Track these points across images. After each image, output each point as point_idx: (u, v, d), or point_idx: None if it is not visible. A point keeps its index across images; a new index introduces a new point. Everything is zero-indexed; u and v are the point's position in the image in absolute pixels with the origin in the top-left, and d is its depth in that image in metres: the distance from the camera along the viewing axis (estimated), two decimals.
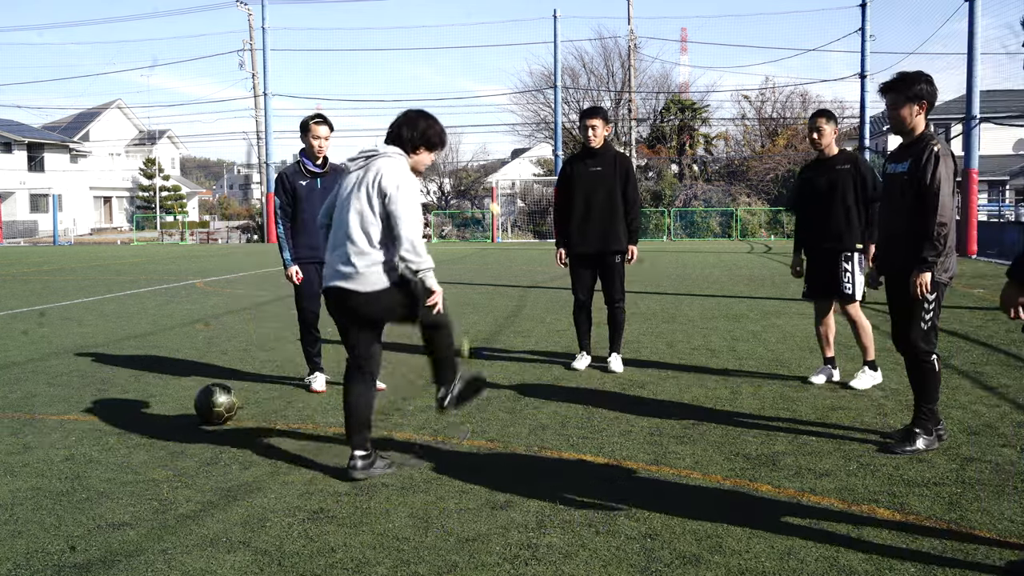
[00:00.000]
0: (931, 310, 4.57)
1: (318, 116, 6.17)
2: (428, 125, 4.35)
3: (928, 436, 4.63)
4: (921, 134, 4.64)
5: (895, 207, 4.72)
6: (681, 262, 20.84)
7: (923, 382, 4.66)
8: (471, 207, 45.13)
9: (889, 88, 4.65)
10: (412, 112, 4.40)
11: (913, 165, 4.58)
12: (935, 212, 4.45)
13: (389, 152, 4.28)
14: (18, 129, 55.51)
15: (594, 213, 6.76)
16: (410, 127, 4.31)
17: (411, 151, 4.34)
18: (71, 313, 11.29)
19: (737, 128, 46.83)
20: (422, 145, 4.35)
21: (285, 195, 6.11)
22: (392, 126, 4.35)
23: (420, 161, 4.39)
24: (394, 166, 4.20)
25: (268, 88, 38.24)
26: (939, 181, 4.47)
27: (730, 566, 3.24)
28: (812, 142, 6.19)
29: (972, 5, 22.22)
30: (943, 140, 4.75)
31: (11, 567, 3.31)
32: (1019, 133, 45.96)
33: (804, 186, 6.33)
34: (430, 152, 4.40)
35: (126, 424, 5.39)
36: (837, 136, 6.22)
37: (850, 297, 6.12)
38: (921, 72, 4.62)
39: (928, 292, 4.49)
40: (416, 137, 4.32)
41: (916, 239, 4.51)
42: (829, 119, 6.15)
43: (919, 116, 4.63)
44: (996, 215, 35.69)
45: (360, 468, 4.27)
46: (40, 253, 31.11)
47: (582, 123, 6.86)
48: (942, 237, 4.47)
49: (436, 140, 4.38)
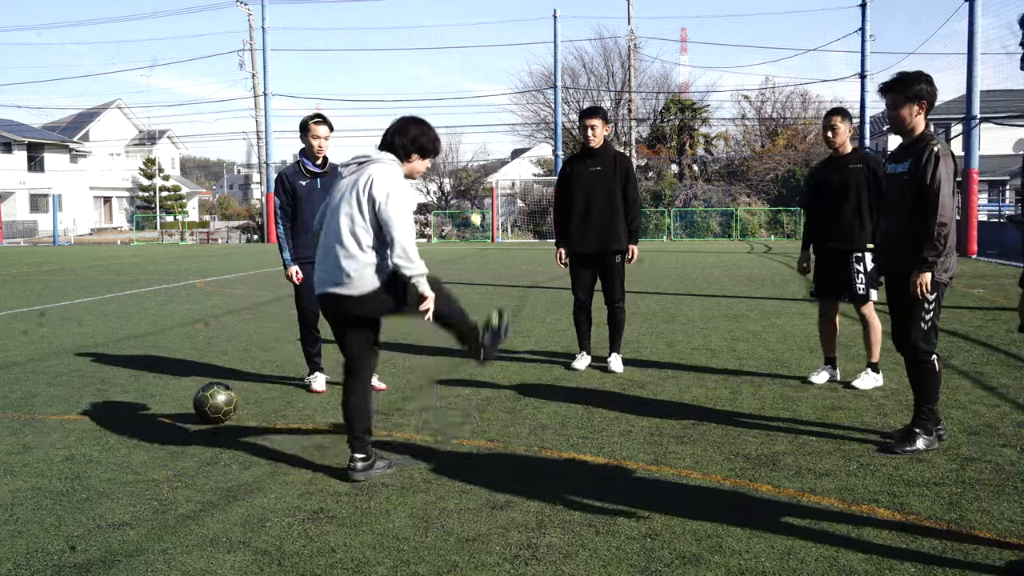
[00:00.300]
0: (931, 310, 4.57)
1: (317, 116, 6.16)
2: (421, 132, 4.33)
3: (928, 436, 4.63)
4: (921, 134, 4.64)
5: (895, 207, 4.73)
6: (681, 262, 20.84)
7: (923, 382, 4.66)
8: (471, 207, 45.13)
9: (889, 88, 4.64)
10: (404, 119, 4.39)
11: (913, 165, 4.58)
12: (935, 212, 4.45)
13: (382, 158, 4.26)
14: (18, 129, 55.52)
15: (594, 213, 6.75)
16: (402, 134, 4.30)
17: (404, 158, 4.33)
18: (71, 313, 11.29)
19: (737, 128, 46.86)
20: (415, 152, 4.33)
21: (285, 195, 6.11)
22: (385, 133, 4.35)
23: (414, 168, 4.38)
24: (386, 172, 4.18)
25: (268, 88, 38.24)
26: (939, 181, 4.46)
27: (730, 566, 3.24)
28: (826, 140, 6.15)
29: (972, 5, 22.23)
30: (943, 140, 4.73)
31: (11, 567, 3.31)
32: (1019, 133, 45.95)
33: (816, 184, 6.28)
34: (424, 159, 4.38)
35: (126, 424, 5.39)
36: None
37: (863, 297, 6.07)
38: (921, 72, 4.61)
39: (928, 292, 4.49)
40: (408, 144, 4.31)
41: (916, 239, 4.51)
42: (844, 117, 6.12)
43: (919, 116, 4.63)
44: (996, 215, 35.67)
45: (360, 470, 4.27)
46: (40, 253, 31.11)
47: (582, 123, 6.86)
48: (942, 237, 4.46)
49: (429, 147, 4.37)
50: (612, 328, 6.94)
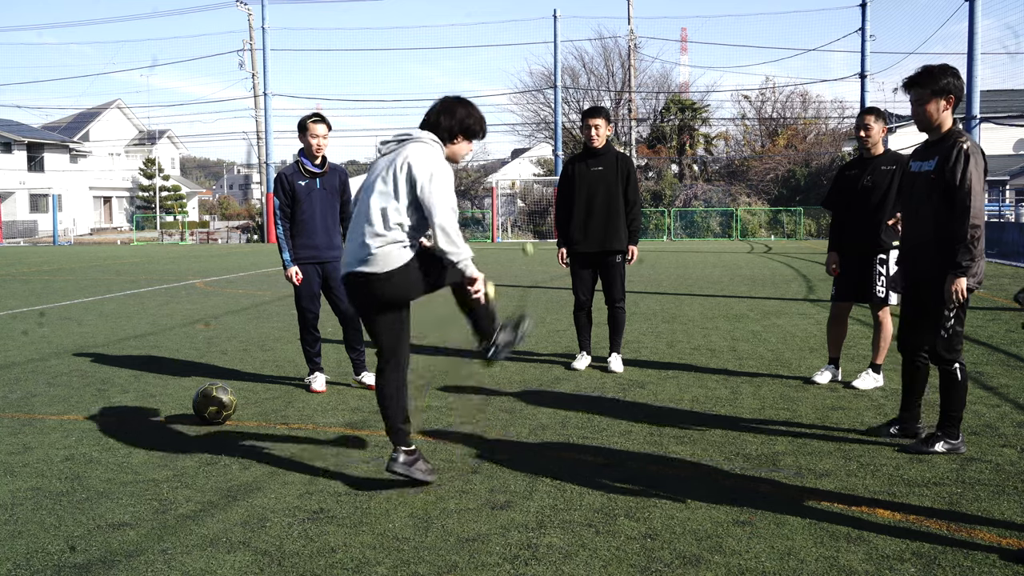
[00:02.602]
0: (952, 317, 4.38)
1: (316, 115, 6.15)
2: (468, 113, 4.10)
3: (953, 440, 4.52)
4: (949, 131, 4.42)
5: (920, 209, 4.51)
6: (681, 262, 20.84)
7: (946, 391, 4.50)
8: (471, 207, 45.13)
9: (914, 83, 4.43)
10: (449, 99, 4.15)
11: (941, 164, 4.36)
12: (967, 214, 4.23)
13: (423, 137, 4.03)
14: (18, 129, 55.52)
15: (595, 213, 6.75)
16: (449, 115, 4.07)
17: (448, 140, 4.10)
18: (71, 313, 11.29)
19: (737, 128, 46.86)
20: (460, 134, 4.10)
21: (284, 195, 6.09)
22: (429, 113, 4.11)
23: (458, 151, 4.15)
24: (426, 153, 3.96)
25: (268, 88, 38.26)
26: (970, 181, 4.25)
27: (730, 566, 3.24)
28: (859, 140, 6.00)
29: (972, 5, 22.24)
30: (972, 137, 4.51)
31: (11, 567, 3.30)
32: (1019, 133, 45.98)
33: (844, 184, 6.09)
34: (469, 141, 4.15)
35: (126, 424, 5.39)
36: (845, 136, 6.16)
37: (882, 301, 5.99)
38: (947, 65, 4.39)
39: (964, 298, 4.28)
40: (455, 125, 4.07)
41: (946, 244, 4.30)
42: (878, 117, 5.95)
43: (946, 112, 4.41)
44: (996, 215, 35.66)
45: (401, 463, 4.04)
46: (40, 253, 31.10)
47: (584, 123, 6.85)
48: (976, 240, 4.25)
49: (476, 128, 4.13)
50: (612, 328, 6.94)
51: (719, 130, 45.78)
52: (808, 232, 36.64)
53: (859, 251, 6.01)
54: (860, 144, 6.06)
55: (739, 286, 14.12)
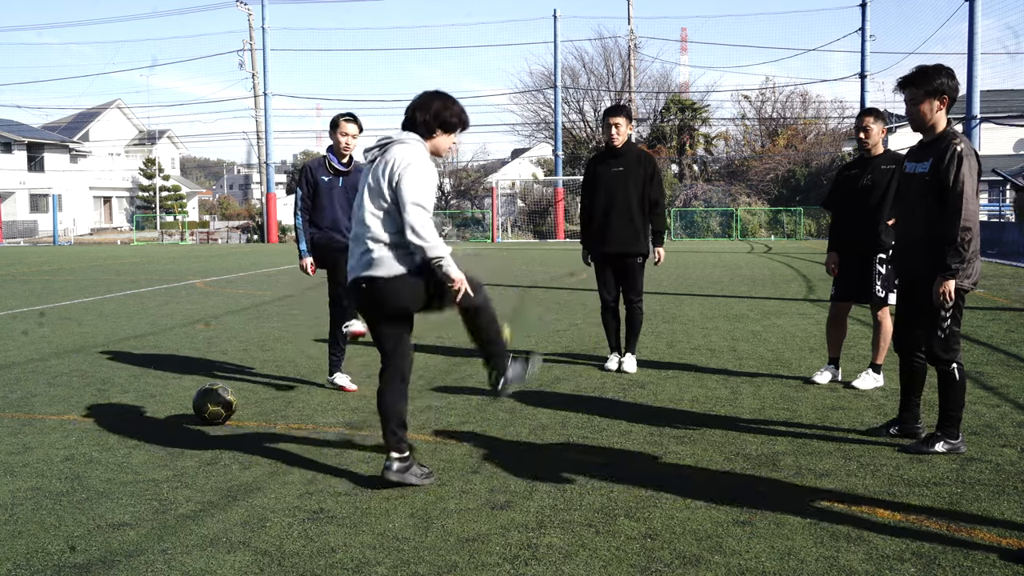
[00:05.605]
0: (948, 318, 4.38)
1: (348, 114, 6.17)
2: (443, 105, 4.06)
3: (952, 441, 4.52)
4: (943, 132, 4.42)
5: (913, 210, 4.51)
6: (681, 262, 20.84)
7: (945, 391, 4.50)
8: (471, 207, 45.14)
9: (908, 83, 4.43)
10: (426, 93, 4.12)
11: (935, 165, 4.36)
12: (959, 216, 4.23)
13: (404, 138, 4.04)
14: (18, 129, 55.52)
15: (615, 214, 6.68)
16: (423, 110, 4.04)
17: (427, 135, 4.07)
18: (71, 313, 11.29)
19: (737, 128, 46.87)
20: (438, 127, 4.07)
21: (307, 187, 6.14)
22: (407, 110, 4.08)
23: (439, 145, 4.12)
24: (407, 152, 3.97)
25: (268, 88, 38.28)
26: (963, 182, 4.24)
27: (730, 566, 3.24)
28: (859, 141, 6.02)
29: (972, 5, 22.26)
30: (966, 138, 4.53)
31: (11, 567, 3.30)
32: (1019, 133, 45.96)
33: (844, 184, 6.10)
34: (448, 134, 4.12)
35: (126, 424, 5.39)
36: (845, 136, 6.16)
37: (882, 301, 6.00)
38: (941, 65, 4.39)
39: (951, 300, 4.29)
40: (431, 119, 4.04)
41: (937, 245, 4.29)
42: (877, 118, 5.97)
43: (940, 112, 4.41)
44: (996, 215, 35.66)
45: (395, 471, 4.05)
46: (40, 253, 31.10)
47: (604, 121, 6.77)
48: (966, 243, 4.24)
49: (453, 120, 4.10)
50: (629, 328, 6.92)
51: (719, 130, 45.82)
52: (808, 232, 36.67)
53: (859, 251, 6.02)
54: (860, 145, 6.07)
55: (739, 286, 14.12)
